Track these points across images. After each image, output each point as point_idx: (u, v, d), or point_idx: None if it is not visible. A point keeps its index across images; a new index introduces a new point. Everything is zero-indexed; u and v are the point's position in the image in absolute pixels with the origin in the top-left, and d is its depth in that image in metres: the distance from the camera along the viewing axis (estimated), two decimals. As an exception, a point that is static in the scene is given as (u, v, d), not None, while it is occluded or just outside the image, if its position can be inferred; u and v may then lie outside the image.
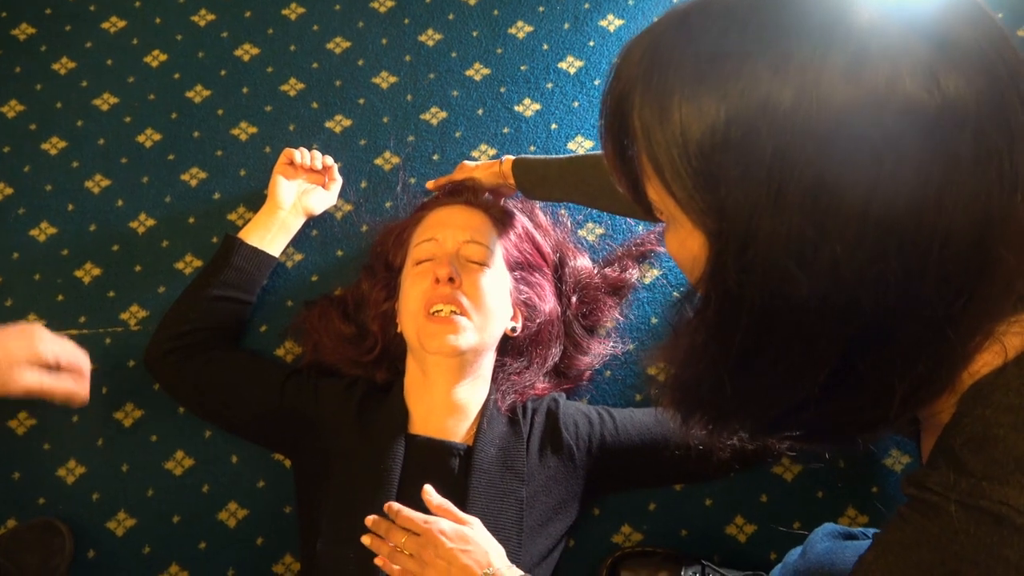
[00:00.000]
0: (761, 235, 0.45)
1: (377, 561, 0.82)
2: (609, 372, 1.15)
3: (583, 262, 1.15)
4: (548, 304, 1.08)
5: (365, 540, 0.83)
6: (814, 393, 0.49)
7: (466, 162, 1.13)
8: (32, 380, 0.89)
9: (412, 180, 1.25)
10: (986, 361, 0.50)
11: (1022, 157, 0.43)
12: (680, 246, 0.51)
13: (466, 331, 0.95)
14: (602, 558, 1.04)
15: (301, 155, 1.19)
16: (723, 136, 0.44)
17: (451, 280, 0.96)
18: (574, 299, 1.12)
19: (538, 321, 1.06)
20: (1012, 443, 0.47)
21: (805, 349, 0.47)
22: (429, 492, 0.85)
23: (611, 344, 1.14)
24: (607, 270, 1.17)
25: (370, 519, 0.84)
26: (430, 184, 1.18)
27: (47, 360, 0.90)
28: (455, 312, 0.95)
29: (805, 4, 0.44)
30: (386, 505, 0.85)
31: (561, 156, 1.07)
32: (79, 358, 0.95)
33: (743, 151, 0.44)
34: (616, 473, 1.01)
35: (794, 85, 0.42)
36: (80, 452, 1.12)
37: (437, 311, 0.95)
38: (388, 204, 1.24)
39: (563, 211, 1.20)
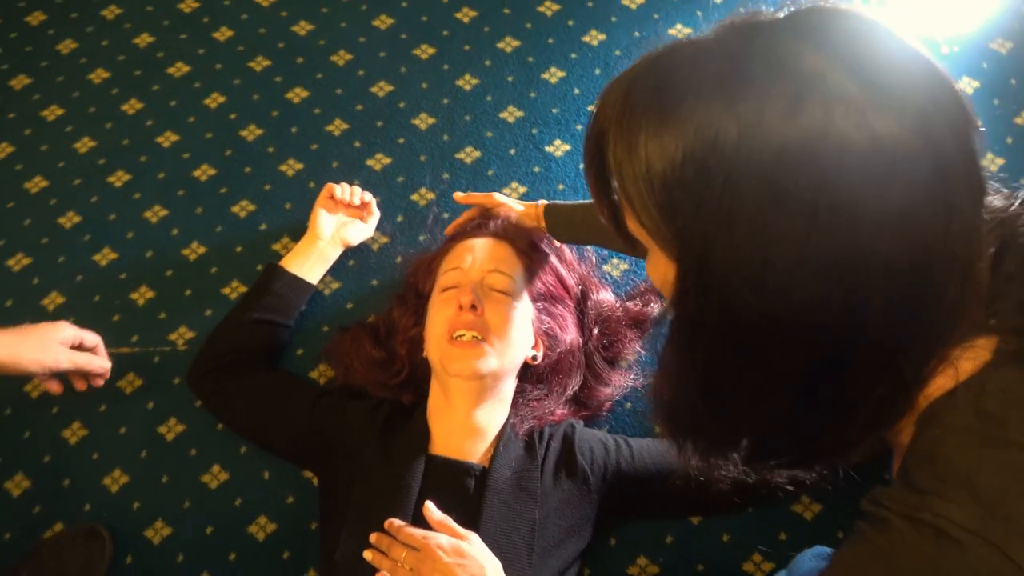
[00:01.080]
0: (715, 262, 0.47)
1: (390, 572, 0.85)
2: (629, 404, 1.16)
3: (606, 296, 1.18)
4: (569, 335, 1.10)
5: (367, 555, 0.86)
6: (782, 417, 0.51)
7: (495, 193, 1.18)
8: (65, 357, 1.02)
9: (446, 215, 1.30)
10: (940, 384, 0.51)
11: (955, 190, 0.45)
12: (656, 273, 0.54)
13: (487, 356, 0.98)
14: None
15: (341, 190, 1.25)
16: (680, 170, 0.47)
17: (473, 307, 0.99)
18: (596, 331, 1.14)
19: (559, 351, 1.08)
20: (956, 461, 0.48)
21: (764, 372, 0.49)
22: (430, 508, 0.87)
23: (632, 376, 1.15)
24: (629, 304, 1.19)
25: (373, 536, 0.87)
26: (457, 196, 1.22)
27: (74, 342, 1.05)
28: (477, 338, 0.99)
29: (758, 52, 0.47)
30: (387, 522, 0.87)
31: (587, 201, 1.11)
32: (96, 339, 1.08)
33: (697, 184, 0.47)
34: (630, 501, 1.02)
35: (740, 124, 0.45)
36: (125, 462, 1.18)
37: (459, 336, 0.99)
38: (422, 237, 1.29)
39: (588, 248, 1.24)
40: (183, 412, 1.20)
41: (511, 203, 1.15)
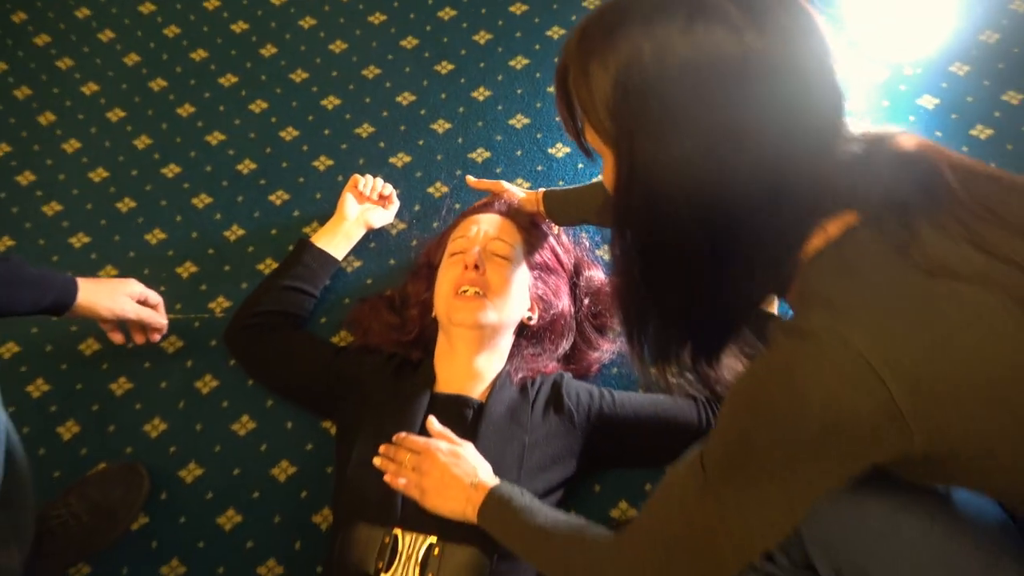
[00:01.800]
0: (638, 152, 0.60)
1: (386, 478, 0.97)
2: (616, 369, 1.28)
3: (597, 273, 1.31)
4: (562, 302, 1.23)
5: (376, 461, 0.98)
6: (700, 290, 0.63)
7: (502, 181, 1.32)
8: (132, 308, 1.16)
9: (457, 206, 1.45)
10: (815, 245, 0.63)
11: (815, 90, 0.58)
12: (607, 176, 0.67)
13: (487, 309, 1.11)
14: (599, 527, 1.15)
15: (364, 182, 1.41)
16: (616, 86, 0.60)
17: (476, 267, 1.13)
18: (586, 301, 1.27)
19: (552, 313, 1.21)
20: (819, 289, 0.60)
21: (682, 243, 0.62)
22: (432, 421, 1.00)
23: (618, 343, 1.28)
24: (618, 282, 1.32)
25: (382, 447, 1.00)
26: (469, 180, 1.36)
27: (140, 297, 1.18)
28: (479, 293, 1.12)
29: None
30: (395, 436, 1.00)
31: (579, 186, 1.25)
32: (159, 298, 1.23)
33: (626, 95, 0.60)
34: (611, 443, 1.13)
35: (653, 44, 0.58)
36: (164, 412, 1.31)
37: (464, 291, 1.12)
38: (435, 224, 1.43)
39: (584, 234, 1.38)
40: (217, 370, 1.34)
41: (515, 190, 1.29)
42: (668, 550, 0.68)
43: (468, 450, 0.97)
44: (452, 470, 0.93)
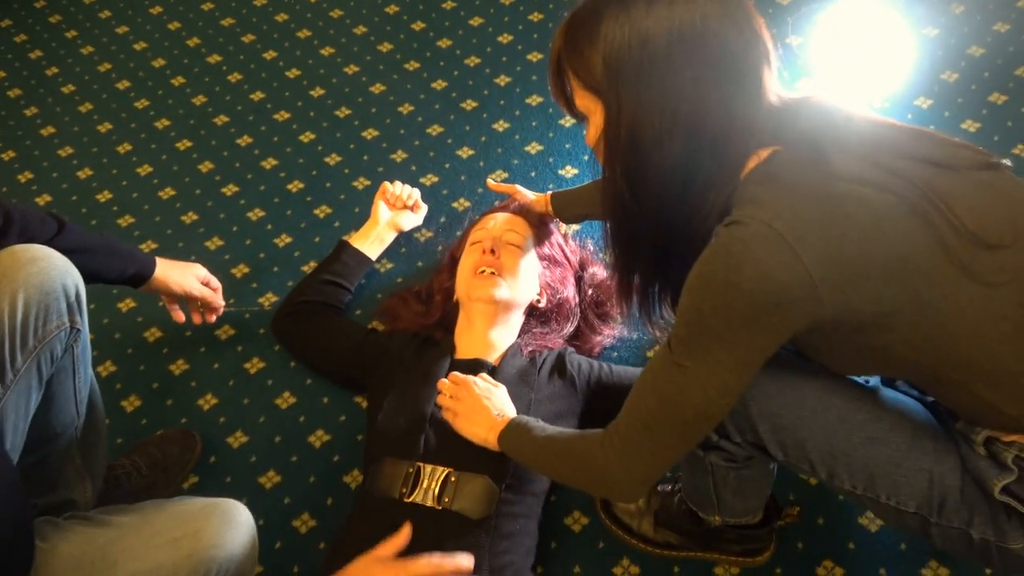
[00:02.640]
0: (624, 103, 0.76)
1: (440, 402, 1.14)
2: (616, 354, 1.43)
3: (600, 271, 1.48)
4: (568, 291, 1.39)
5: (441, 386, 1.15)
6: (674, 205, 0.80)
7: (517, 184, 1.51)
8: (197, 286, 1.33)
9: (477, 218, 1.64)
10: (749, 167, 0.78)
11: (752, 49, 0.75)
12: (591, 134, 0.83)
13: (501, 287, 1.28)
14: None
15: (392, 186, 1.60)
16: (603, 57, 0.76)
17: (492, 252, 1.30)
18: (590, 292, 1.43)
19: (558, 298, 1.37)
20: (748, 192, 0.75)
21: (657, 165, 0.78)
22: (455, 374, 1.16)
23: (619, 329, 1.43)
24: (619, 278, 1.48)
25: (440, 382, 1.16)
26: (489, 182, 1.53)
27: (204, 280, 1.36)
28: (494, 273, 1.29)
29: None
30: (451, 375, 1.17)
31: (582, 186, 1.44)
32: (219, 283, 1.39)
33: (611, 64, 0.76)
34: (609, 405, 1.26)
35: (628, 23, 0.75)
36: (216, 389, 1.47)
37: (481, 271, 1.29)
38: (458, 233, 1.62)
39: (589, 240, 1.55)
40: (264, 354, 1.50)
41: (527, 193, 1.47)
42: (647, 426, 0.81)
43: (501, 391, 1.13)
44: (482, 402, 1.08)
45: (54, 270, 1.04)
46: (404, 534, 1.01)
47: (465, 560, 1.01)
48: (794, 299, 0.71)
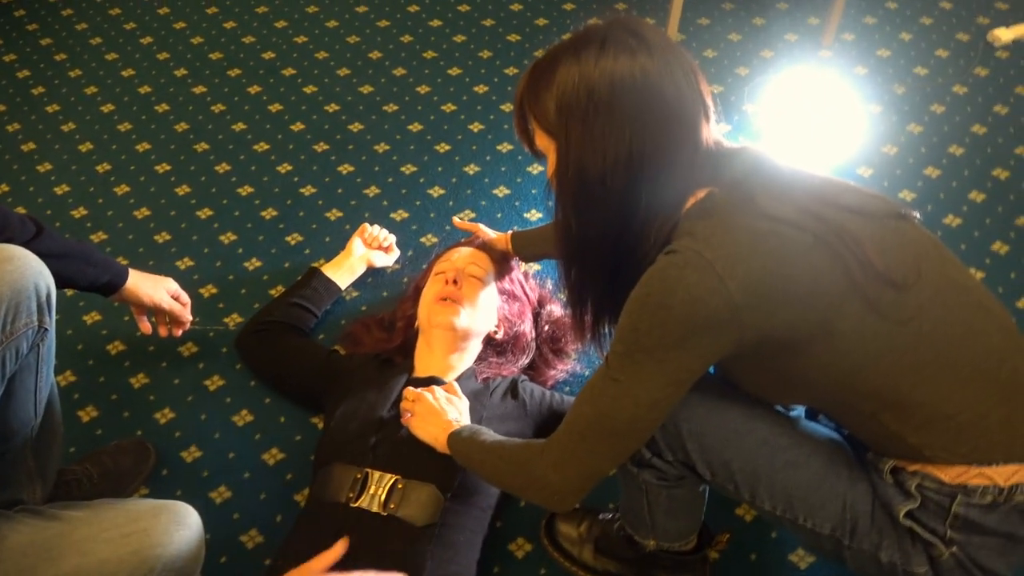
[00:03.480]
0: (572, 141, 0.83)
1: (403, 404, 1.19)
2: (568, 388, 1.48)
3: (557, 308, 1.54)
4: (525, 325, 1.45)
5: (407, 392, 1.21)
6: (616, 237, 0.87)
7: (480, 223, 1.58)
8: (166, 299, 1.36)
9: (442, 251, 1.70)
10: (689, 204, 0.85)
11: (686, 102, 0.82)
12: (550, 168, 0.91)
13: (460, 315, 1.33)
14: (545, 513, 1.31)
15: (372, 229, 1.67)
16: (556, 101, 0.84)
17: (455, 282, 1.36)
18: (547, 328, 1.50)
19: (514, 331, 1.43)
20: (687, 228, 0.82)
21: (600, 212, 0.85)
22: (409, 389, 1.21)
23: (571, 365, 1.49)
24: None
25: (406, 389, 1.22)
26: (455, 220, 1.61)
27: (174, 293, 1.38)
28: (455, 302, 1.35)
29: (592, 32, 0.87)
30: (405, 390, 1.22)
31: (539, 227, 1.51)
32: (188, 299, 1.42)
33: (564, 106, 0.83)
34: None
35: (579, 67, 0.83)
36: (174, 403, 1.48)
37: (443, 299, 1.35)
38: (424, 266, 1.68)
39: (548, 279, 1.62)
40: (225, 372, 1.53)
41: (489, 231, 1.54)
42: (582, 437, 0.87)
43: (462, 403, 1.18)
44: (439, 406, 1.14)
45: (28, 270, 1.07)
46: (338, 548, 1.03)
47: None
48: (720, 322, 0.78)
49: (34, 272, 1.08)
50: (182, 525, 0.98)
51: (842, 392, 0.83)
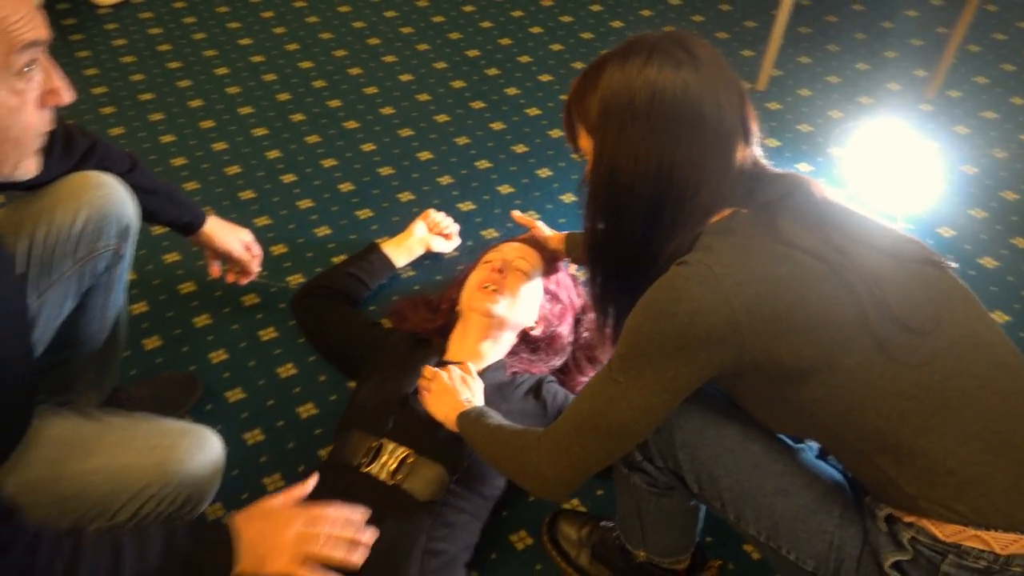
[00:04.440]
0: (606, 145, 0.86)
1: (420, 382, 1.24)
2: (597, 396, 1.50)
3: (600, 318, 1.56)
4: (563, 327, 1.48)
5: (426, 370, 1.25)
6: (639, 241, 0.88)
7: (538, 220, 1.62)
8: (239, 247, 1.44)
9: (495, 244, 1.75)
10: (713, 220, 0.86)
11: (727, 118, 0.84)
12: (588, 170, 0.94)
13: (500, 304, 1.37)
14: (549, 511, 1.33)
15: (435, 215, 1.74)
16: (599, 104, 0.87)
17: (500, 271, 1.41)
18: (585, 335, 1.52)
19: (551, 331, 1.46)
20: (706, 242, 0.83)
21: (629, 212, 0.87)
22: (428, 368, 1.26)
23: (603, 374, 1.50)
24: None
25: (425, 367, 1.26)
26: (513, 213, 1.65)
27: (247, 244, 1.47)
28: (496, 291, 1.39)
29: (639, 42, 0.90)
30: (424, 368, 1.26)
31: None
32: (260, 251, 1.49)
33: (604, 109, 0.86)
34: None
35: (624, 74, 0.86)
36: (228, 347, 1.59)
37: (486, 286, 1.40)
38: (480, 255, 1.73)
39: (598, 289, 1.64)
40: (279, 326, 1.62)
41: (545, 229, 1.58)
42: (577, 431, 0.89)
43: (477, 384, 1.23)
44: (453, 386, 1.18)
45: (115, 197, 1.18)
46: (308, 483, 1.08)
47: (360, 513, 1.06)
48: (720, 338, 0.79)
49: (119, 202, 1.19)
50: (204, 449, 1.06)
51: (840, 428, 0.82)
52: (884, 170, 1.93)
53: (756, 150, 0.90)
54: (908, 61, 2.27)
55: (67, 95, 0.82)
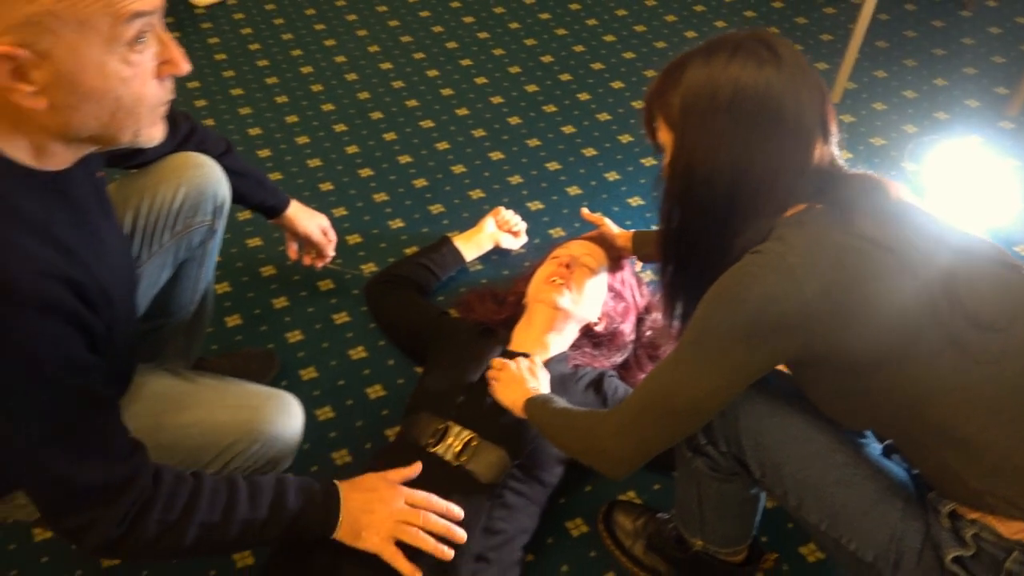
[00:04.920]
0: (686, 139, 0.89)
1: (488, 373, 1.29)
2: (657, 394, 1.52)
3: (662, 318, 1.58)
4: (626, 325, 1.51)
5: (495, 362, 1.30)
6: (715, 232, 0.91)
7: (607, 219, 1.65)
8: (318, 232, 1.53)
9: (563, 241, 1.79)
10: (788, 214, 0.87)
11: (806, 116, 0.85)
12: (666, 163, 0.97)
13: (565, 297, 1.41)
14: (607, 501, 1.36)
15: (505, 213, 1.79)
16: (681, 99, 0.89)
17: (568, 266, 1.45)
18: (648, 334, 1.54)
19: (614, 327, 1.49)
20: (779, 234, 0.84)
21: (708, 206, 0.90)
22: (496, 360, 1.30)
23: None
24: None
25: (493, 360, 1.32)
26: (583, 211, 1.69)
27: (326, 229, 1.55)
28: (562, 284, 1.43)
29: (723, 39, 0.93)
30: (492, 360, 1.31)
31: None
32: (335, 236, 1.57)
33: (687, 102, 0.88)
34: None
35: (709, 71, 0.88)
36: (304, 328, 1.66)
37: (553, 279, 1.44)
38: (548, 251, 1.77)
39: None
40: (352, 311, 1.69)
41: (613, 225, 1.62)
42: (642, 411, 0.92)
43: (543, 375, 1.27)
44: (521, 375, 1.23)
45: (212, 176, 1.27)
46: (414, 468, 1.15)
47: (456, 509, 1.12)
48: (790, 325, 0.81)
49: (216, 180, 1.28)
50: (288, 413, 1.13)
51: (907, 421, 0.83)
52: (960, 185, 1.90)
53: (834, 149, 0.92)
54: (989, 78, 2.23)
55: (184, 66, 0.84)
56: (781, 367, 0.93)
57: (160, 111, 0.87)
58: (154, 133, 0.87)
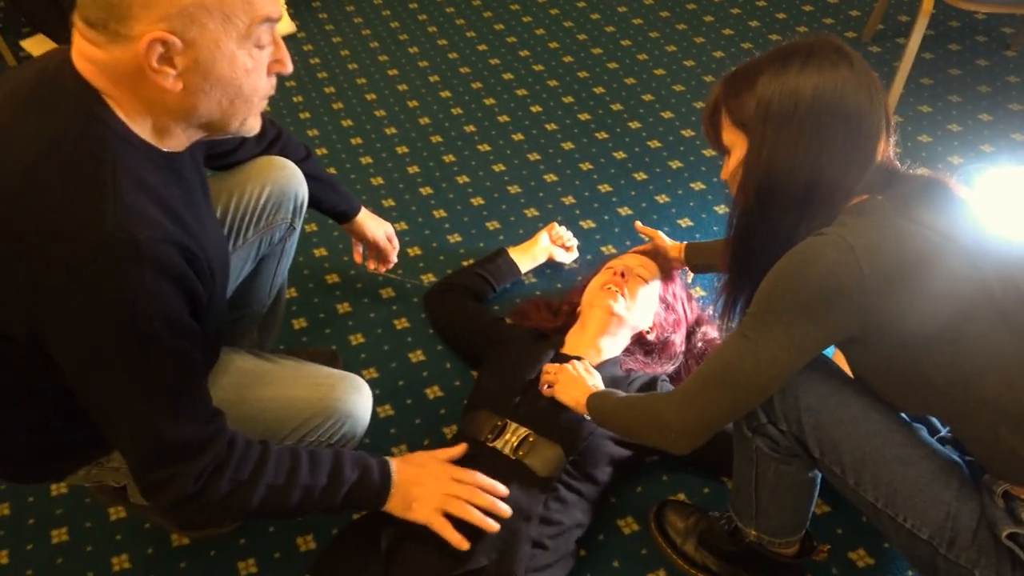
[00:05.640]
0: (767, 139, 0.93)
1: (544, 377, 1.35)
2: (707, 402, 1.55)
3: (713, 331, 1.63)
4: (676, 336, 1.55)
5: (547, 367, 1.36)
6: (788, 218, 0.95)
7: (660, 231, 1.71)
8: (382, 238, 1.60)
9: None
10: (850, 202, 0.92)
11: (875, 112, 0.90)
12: (728, 168, 1.01)
13: (620, 303, 1.46)
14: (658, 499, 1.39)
15: (559, 228, 1.86)
16: (757, 104, 0.93)
17: (622, 275, 1.50)
18: (699, 346, 1.58)
19: (665, 337, 1.53)
20: (840, 220, 0.89)
21: (781, 197, 0.93)
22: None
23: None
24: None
25: (547, 364, 1.37)
26: (636, 224, 1.75)
27: (390, 236, 1.63)
28: (617, 291, 1.49)
29: (794, 47, 0.99)
30: (546, 365, 1.37)
31: (711, 240, 1.61)
32: (398, 244, 1.65)
33: (764, 110, 0.93)
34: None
35: (782, 81, 0.93)
36: (366, 331, 1.74)
37: (608, 287, 1.49)
38: (602, 263, 1.83)
39: (712, 307, 1.70)
40: (412, 317, 1.76)
41: (666, 239, 1.67)
42: (704, 383, 0.96)
43: (596, 375, 1.32)
44: (579, 375, 1.29)
45: (294, 178, 1.37)
46: (460, 447, 1.21)
47: (501, 487, 1.17)
48: (850, 298, 0.85)
49: (298, 181, 1.37)
50: (359, 392, 1.20)
51: (961, 396, 0.86)
52: (1007, 214, 1.92)
53: (892, 146, 0.97)
54: (1036, 114, 2.26)
55: (290, 66, 0.96)
56: (838, 356, 0.98)
57: (264, 104, 0.98)
58: (255, 124, 0.98)
